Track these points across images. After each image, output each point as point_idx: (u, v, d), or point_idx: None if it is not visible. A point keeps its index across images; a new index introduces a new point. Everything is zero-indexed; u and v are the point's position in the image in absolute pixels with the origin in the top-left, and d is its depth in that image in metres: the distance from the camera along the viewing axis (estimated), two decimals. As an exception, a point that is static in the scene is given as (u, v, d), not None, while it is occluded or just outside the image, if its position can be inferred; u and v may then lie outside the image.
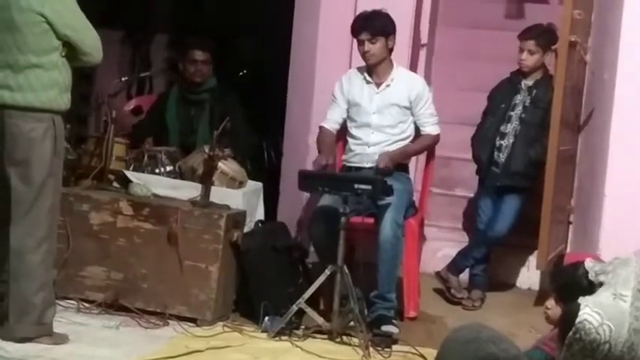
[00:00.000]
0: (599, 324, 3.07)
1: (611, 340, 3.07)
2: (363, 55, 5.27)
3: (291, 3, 6.22)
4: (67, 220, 4.96)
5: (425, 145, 5.46)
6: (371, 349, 4.63)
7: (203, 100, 6.11)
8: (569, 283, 3.48)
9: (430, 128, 5.38)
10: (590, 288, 3.39)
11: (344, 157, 5.48)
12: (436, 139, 5.45)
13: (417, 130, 5.41)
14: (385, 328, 4.91)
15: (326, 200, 5.12)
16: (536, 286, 6.08)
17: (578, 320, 3.08)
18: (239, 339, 4.76)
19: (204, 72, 6.08)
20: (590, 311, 3.09)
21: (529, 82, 5.77)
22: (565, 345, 3.12)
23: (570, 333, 3.09)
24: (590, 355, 3.07)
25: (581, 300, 3.17)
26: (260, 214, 5.62)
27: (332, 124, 5.42)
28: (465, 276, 5.84)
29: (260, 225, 5.44)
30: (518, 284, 6.21)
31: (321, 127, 5.43)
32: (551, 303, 3.69)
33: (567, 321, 3.14)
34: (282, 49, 6.37)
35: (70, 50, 4.31)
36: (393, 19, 5.29)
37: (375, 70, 5.32)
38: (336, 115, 5.41)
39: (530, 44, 5.69)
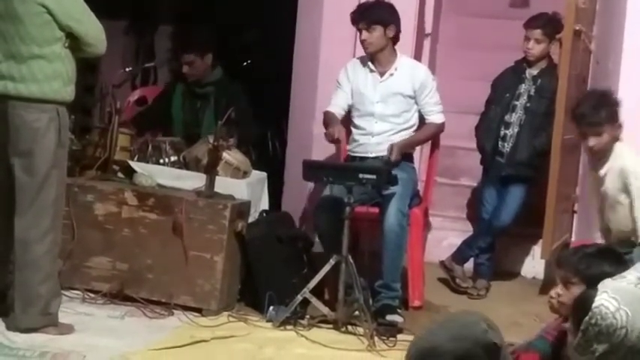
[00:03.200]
0: (616, 309, 3.05)
1: (627, 325, 3.04)
2: (362, 43, 5.29)
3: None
4: (72, 210, 4.96)
5: (430, 134, 5.46)
6: (376, 338, 4.63)
7: (208, 93, 6.11)
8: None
9: (435, 117, 5.38)
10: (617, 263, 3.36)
11: (348, 147, 5.47)
12: (441, 127, 5.44)
13: (422, 119, 5.41)
14: (390, 317, 4.92)
15: (330, 190, 5.12)
16: (540, 276, 6.09)
17: (594, 305, 3.06)
18: (244, 329, 4.76)
19: (194, 72, 6.03)
20: (608, 297, 3.07)
21: (534, 71, 5.77)
22: (580, 330, 3.10)
23: (586, 318, 3.07)
24: (605, 340, 3.05)
25: (600, 285, 3.15)
26: (264, 204, 5.63)
27: (336, 108, 5.38)
28: (469, 265, 5.85)
29: (264, 215, 5.44)
30: (522, 273, 6.23)
31: (325, 112, 5.40)
32: (556, 291, 3.65)
33: (583, 306, 3.12)
34: (286, 38, 6.36)
35: (74, 41, 4.30)
36: (396, 9, 5.29)
37: (377, 58, 5.31)
38: (341, 100, 5.39)
39: (537, 33, 5.69)
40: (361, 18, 5.24)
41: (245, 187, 5.35)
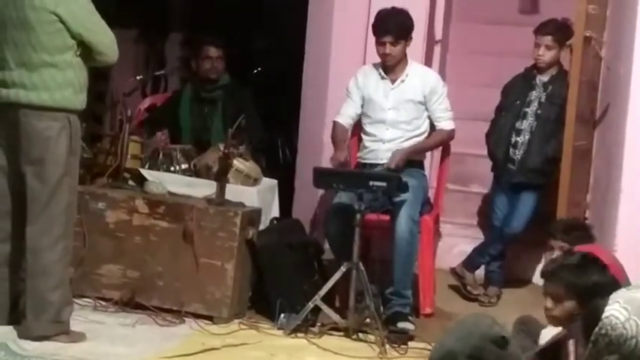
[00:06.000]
0: (626, 319, 3.03)
1: (638, 335, 3.03)
2: (382, 55, 5.26)
3: (305, 0, 6.22)
4: (83, 218, 4.97)
5: (439, 141, 5.45)
6: (387, 345, 4.63)
7: (217, 98, 6.13)
8: (594, 286, 3.39)
9: (444, 123, 5.37)
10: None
11: (358, 154, 5.47)
12: (451, 134, 5.43)
13: (433, 125, 5.40)
14: (401, 324, 4.91)
15: (341, 197, 5.12)
16: (552, 283, 6.05)
17: (604, 315, 3.04)
18: (255, 336, 4.76)
19: (218, 68, 6.11)
20: (619, 307, 3.06)
21: (544, 77, 5.75)
22: (591, 341, 3.08)
23: (596, 329, 3.06)
24: (616, 350, 3.04)
25: (613, 295, 3.13)
26: (275, 211, 5.63)
27: (345, 118, 5.40)
28: (480, 272, 5.84)
29: (275, 222, 5.44)
30: (534, 280, 6.19)
31: (334, 123, 5.42)
32: (545, 305, 3.57)
33: (593, 317, 3.10)
34: (296, 46, 6.37)
35: (85, 50, 4.32)
36: (412, 17, 5.27)
37: (391, 67, 5.31)
38: (350, 110, 5.40)
39: (548, 40, 5.67)
40: (388, 32, 5.18)
41: (256, 194, 5.35)
